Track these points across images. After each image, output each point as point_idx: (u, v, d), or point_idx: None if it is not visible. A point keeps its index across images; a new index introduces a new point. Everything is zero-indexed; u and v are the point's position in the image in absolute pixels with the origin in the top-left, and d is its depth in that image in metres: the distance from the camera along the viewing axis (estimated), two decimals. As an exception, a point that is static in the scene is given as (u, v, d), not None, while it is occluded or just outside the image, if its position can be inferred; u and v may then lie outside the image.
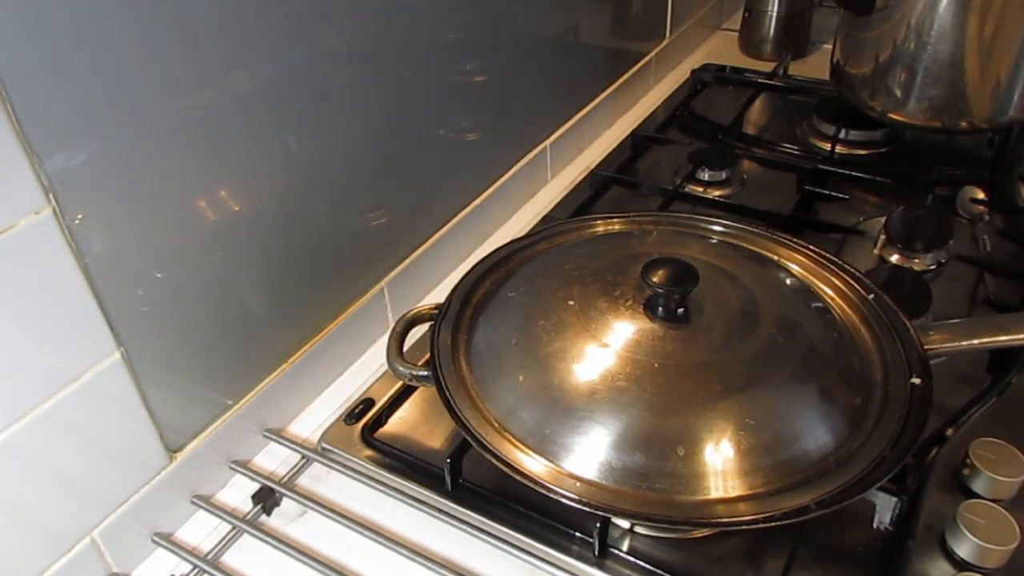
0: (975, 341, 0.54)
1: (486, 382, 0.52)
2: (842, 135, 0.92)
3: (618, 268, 0.56)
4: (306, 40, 0.56)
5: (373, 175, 0.66)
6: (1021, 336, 0.54)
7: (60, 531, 0.49)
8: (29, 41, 0.40)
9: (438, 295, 0.77)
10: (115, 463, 0.51)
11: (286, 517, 0.57)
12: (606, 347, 0.50)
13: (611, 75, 1.01)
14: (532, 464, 0.48)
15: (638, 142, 0.96)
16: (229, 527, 0.56)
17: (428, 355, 0.54)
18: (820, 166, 0.87)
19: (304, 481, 0.60)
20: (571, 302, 0.53)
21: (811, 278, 0.60)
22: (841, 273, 0.60)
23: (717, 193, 0.86)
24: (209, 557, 0.54)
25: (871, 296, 0.57)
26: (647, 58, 1.08)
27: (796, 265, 0.61)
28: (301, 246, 0.61)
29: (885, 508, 0.49)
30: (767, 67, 1.10)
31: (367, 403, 0.63)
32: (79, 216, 0.44)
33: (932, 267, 0.73)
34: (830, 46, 0.94)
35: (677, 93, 1.10)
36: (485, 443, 0.48)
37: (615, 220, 0.66)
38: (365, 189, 0.66)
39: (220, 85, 0.51)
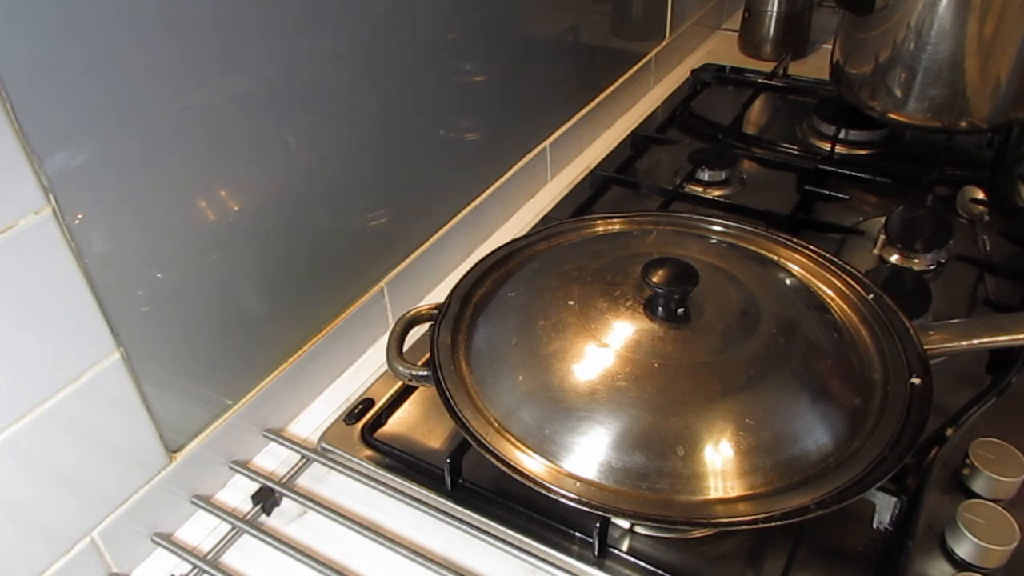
0: (975, 341, 0.54)
1: (486, 382, 0.52)
2: (842, 135, 0.92)
3: (618, 268, 0.56)
4: (305, 40, 0.56)
5: (373, 175, 0.66)
6: (1021, 336, 0.54)
7: (60, 531, 0.49)
8: (29, 41, 0.40)
9: (438, 295, 0.77)
10: (115, 463, 0.51)
11: (286, 517, 0.57)
12: (606, 347, 0.50)
13: (611, 75, 1.01)
14: (532, 464, 0.48)
15: (638, 142, 0.96)
16: (229, 527, 0.56)
17: (428, 355, 0.54)
18: (820, 166, 0.87)
19: (304, 481, 0.60)
20: (571, 302, 0.53)
21: (811, 278, 0.60)
22: (841, 273, 0.60)
23: (717, 193, 0.86)
24: (209, 557, 0.54)
25: (871, 296, 0.57)
26: (647, 58, 1.08)
27: (796, 265, 0.61)
28: (301, 246, 0.61)
29: (885, 508, 0.49)
30: (767, 67, 1.10)
31: (367, 403, 0.63)
32: (79, 216, 0.44)
33: (932, 267, 0.73)
34: (830, 46, 0.94)
35: (677, 93, 1.10)
36: (485, 443, 0.48)
37: (615, 220, 0.66)
38: (365, 189, 0.66)
39: (220, 85, 0.51)
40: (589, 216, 0.70)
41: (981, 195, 0.80)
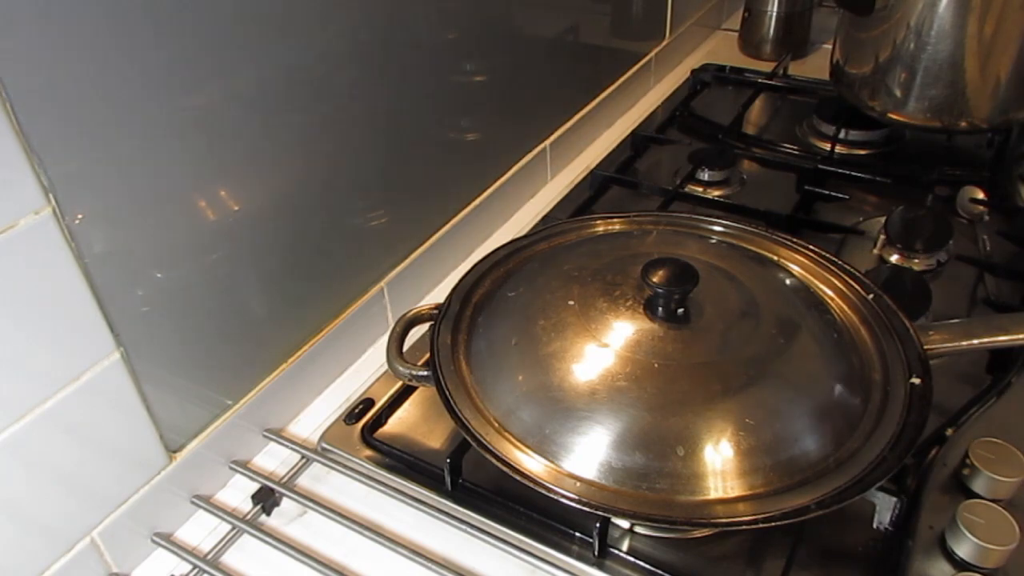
0: (975, 341, 0.54)
1: (486, 382, 0.52)
2: (842, 135, 0.92)
3: (618, 268, 0.56)
4: (306, 40, 0.56)
5: (373, 175, 0.66)
6: (1021, 336, 0.54)
7: (60, 531, 0.49)
8: (29, 41, 0.40)
9: (438, 295, 0.77)
10: (115, 463, 0.51)
11: (286, 517, 0.57)
12: (606, 347, 0.50)
13: (611, 75, 1.01)
14: (532, 464, 0.48)
15: (638, 142, 0.96)
16: (229, 527, 0.56)
17: (428, 355, 0.54)
18: (820, 166, 0.87)
19: (304, 481, 0.60)
20: (571, 302, 0.53)
21: (811, 278, 0.60)
22: (841, 273, 0.60)
23: (717, 193, 0.86)
24: (209, 557, 0.54)
25: (871, 296, 0.57)
26: (647, 58, 1.08)
27: (796, 265, 0.61)
28: (301, 246, 0.61)
29: (885, 508, 0.49)
30: (767, 67, 1.10)
31: (367, 403, 0.63)
32: (79, 216, 0.44)
33: (932, 267, 0.73)
34: (830, 46, 0.94)
35: (677, 93, 1.10)
36: (485, 443, 0.48)
37: (615, 220, 0.66)
38: (365, 189, 0.66)
39: (220, 85, 0.51)
40: (589, 216, 0.70)
41: (981, 195, 0.80)
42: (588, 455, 0.47)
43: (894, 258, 0.74)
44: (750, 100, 1.02)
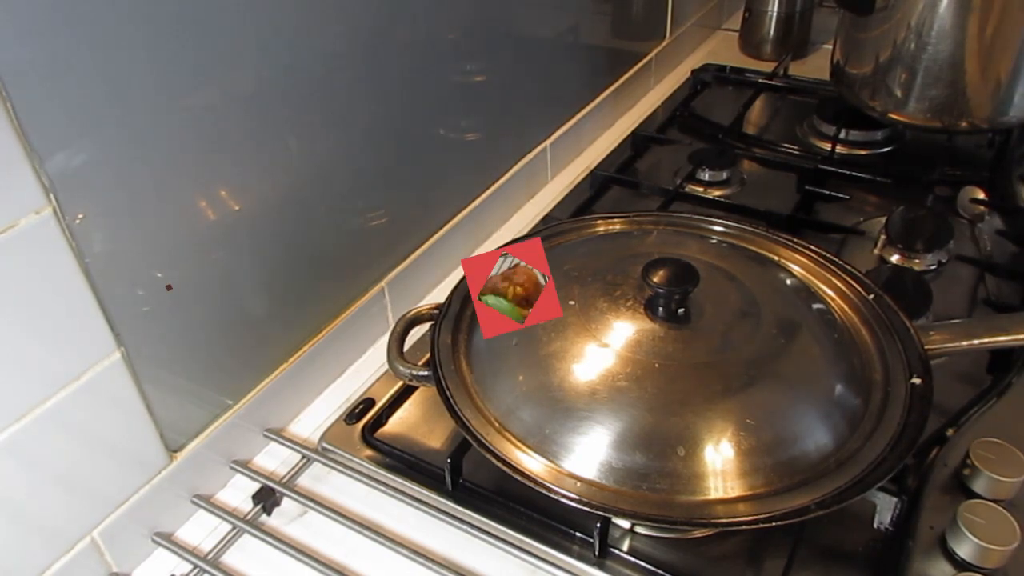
0: (975, 341, 0.54)
1: (486, 382, 0.52)
2: (842, 135, 0.92)
3: (618, 268, 0.56)
4: (306, 40, 0.56)
5: (373, 175, 0.66)
6: (1021, 336, 0.54)
7: (60, 531, 0.49)
8: (29, 41, 0.40)
9: (438, 295, 0.77)
10: (115, 463, 0.51)
11: (286, 517, 0.57)
12: (606, 347, 0.50)
13: (611, 75, 1.01)
14: (532, 464, 0.48)
15: (638, 142, 0.96)
16: (229, 527, 0.56)
17: (428, 355, 0.54)
18: (820, 166, 0.87)
19: (304, 481, 0.60)
20: (571, 302, 0.53)
21: (811, 278, 0.60)
22: (841, 273, 0.60)
23: (717, 193, 0.86)
24: (209, 557, 0.54)
25: (871, 296, 0.57)
26: (647, 58, 1.08)
27: (796, 265, 0.61)
28: (301, 246, 0.61)
29: (885, 508, 0.49)
30: (767, 67, 1.10)
31: (367, 403, 0.63)
32: (79, 216, 0.44)
33: (932, 267, 0.73)
34: (830, 46, 0.94)
35: (677, 93, 1.10)
36: (485, 443, 0.48)
37: (615, 220, 0.66)
38: (365, 189, 0.66)
39: (220, 85, 0.51)
40: (589, 216, 0.70)
41: (981, 195, 0.80)
42: (588, 455, 0.47)
43: (894, 258, 0.74)
44: (750, 100, 1.02)
